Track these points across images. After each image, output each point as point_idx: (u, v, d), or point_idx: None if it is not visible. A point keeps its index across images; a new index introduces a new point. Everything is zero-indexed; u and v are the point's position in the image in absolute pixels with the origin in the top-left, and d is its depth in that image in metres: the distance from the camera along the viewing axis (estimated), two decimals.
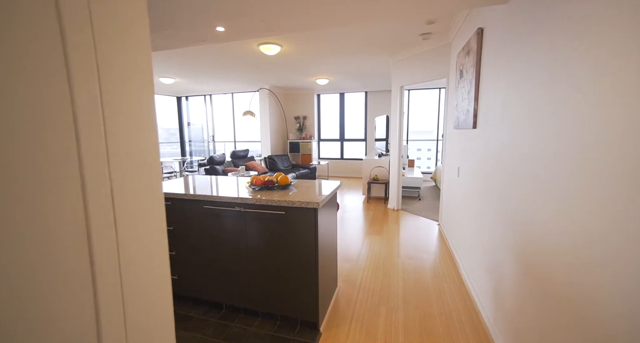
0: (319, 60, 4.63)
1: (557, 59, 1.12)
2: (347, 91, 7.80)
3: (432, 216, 4.23)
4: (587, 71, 0.94)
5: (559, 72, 1.10)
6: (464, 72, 2.49)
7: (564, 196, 1.05)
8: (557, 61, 1.12)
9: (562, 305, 1.05)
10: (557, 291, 1.08)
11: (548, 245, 1.15)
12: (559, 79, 1.10)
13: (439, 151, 7.26)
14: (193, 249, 2.04)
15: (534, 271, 1.27)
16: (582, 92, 0.96)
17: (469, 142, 2.41)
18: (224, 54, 4.26)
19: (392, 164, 4.70)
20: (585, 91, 0.95)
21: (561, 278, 1.06)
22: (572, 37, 1.02)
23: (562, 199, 1.06)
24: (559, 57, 1.11)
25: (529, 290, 1.31)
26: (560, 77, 1.10)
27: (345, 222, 4.07)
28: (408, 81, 4.21)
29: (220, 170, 5.24)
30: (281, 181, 2.07)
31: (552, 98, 1.15)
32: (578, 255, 0.96)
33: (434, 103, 7.27)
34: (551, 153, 1.14)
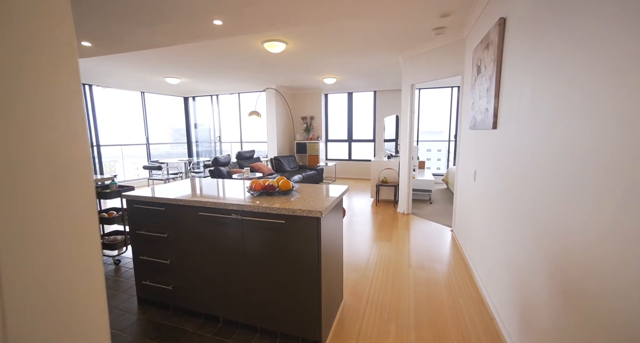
0: (326, 58, 4.47)
1: (618, 40, 0.93)
2: (356, 90, 7.61)
3: (444, 222, 4.01)
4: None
5: (618, 57, 0.91)
6: (482, 68, 2.28)
7: (619, 206, 0.86)
8: (618, 43, 0.92)
9: (613, 333, 0.86)
10: (609, 325, 0.89)
11: (599, 267, 0.96)
12: (617, 67, 0.91)
13: (451, 152, 7.00)
14: (188, 258, 1.91)
15: (575, 296, 1.07)
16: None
17: (488, 143, 2.21)
18: (228, 53, 4.14)
19: (402, 166, 4.50)
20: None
21: (613, 306, 0.87)
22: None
23: (618, 211, 0.87)
24: (619, 38, 0.92)
25: (567, 318, 1.11)
26: (619, 66, 0.90)
27: (353, 227, 3.89)
28: (419, 79, 4.00)
29: (225, 171, 5.14)
30: (282, 186, 1.92)
31: (608, 89, 0.95)
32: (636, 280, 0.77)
33: (445, 103, 7.01)
34: (605, 155, 0.95)
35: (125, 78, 6.14)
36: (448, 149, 6.99)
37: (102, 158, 6.54)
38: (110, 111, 6.80)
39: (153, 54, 4.22)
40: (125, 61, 4.64)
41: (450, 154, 7.00)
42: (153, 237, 1.98)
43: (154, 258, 2.00)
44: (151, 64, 4.82)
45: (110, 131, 6.80)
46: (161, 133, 8.09)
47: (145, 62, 4.67)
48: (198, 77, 6.04)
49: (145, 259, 2.02)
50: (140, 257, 2.04)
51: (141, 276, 2.07)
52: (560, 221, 1.18)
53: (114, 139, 6.97)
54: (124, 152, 7.42)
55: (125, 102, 7.14)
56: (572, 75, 1.11)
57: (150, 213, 1.96)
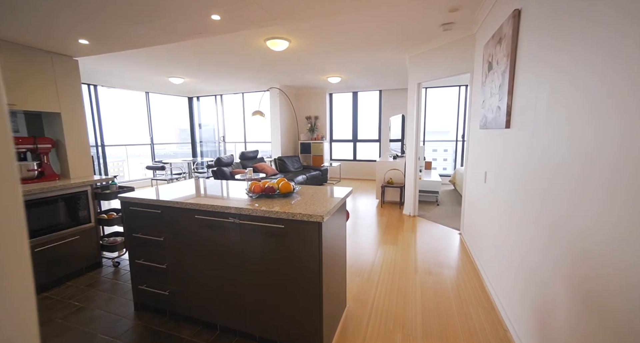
0: (330, 56, 4.37)
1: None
2: (361, 89, 7.50)
3: (452, 224, 3.88)
4: None
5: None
6: (494, 64, 2.17)
7: None
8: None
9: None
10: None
11: (626, 277, 0.85)
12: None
13: (458, 152, 6.84)
14: (185, 262, 1.84)
15: (598, 309, 0.96)
16: None
17: (500, 144, 2.09)
18: (230, 52, 4.08)
19: (408, 167, 4.38)
20: None
21: None
22: None
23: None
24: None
25: (592, 334, 1.00)
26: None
27: (357, 229, 3.79)
28: (426, 77, 3.88)
29: (228, 172, 5.08)
30: (282, 188, 1.83)
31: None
32: None
33: (453, 102, 6.85)
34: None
35: (129, 78, 6.13)
36: (455, 149, 6.84)
37: (107, 158, 6.55)
38: (116, 111, 6.81)
39: (156, 54, 4.19)
40: (128, 61, 4.62)
41: (457, 155, 6.85)
42: (149, 240, 1.91)
43: (150, 262, 1.93)
44: (155, 63, 4.78)
45: (116, 131, 6.81)
46: (168, 132, 8.09)
47: (148, 62, 4.64)
48: (201, 77, 6.00)
49: (142, 263, 1.95)
50: (136, 261, 1.97)
51: (137, 280, 2.01)
52: (579, 225, 1.07)
53: (119, 139, 6.98)
54: (130, 152, 7.43)
55: (130, 103, 7.15)
56: (599, 69, 1.00)
57: (146, 215, 1.90)
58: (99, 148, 6.42)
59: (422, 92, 4.13)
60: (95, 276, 2.57)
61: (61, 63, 2.63)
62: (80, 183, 2.57)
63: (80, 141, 2.85)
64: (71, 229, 2.51)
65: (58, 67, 2.61)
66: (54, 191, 2.37)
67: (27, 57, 2.40)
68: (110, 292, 2.31)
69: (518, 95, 1.76)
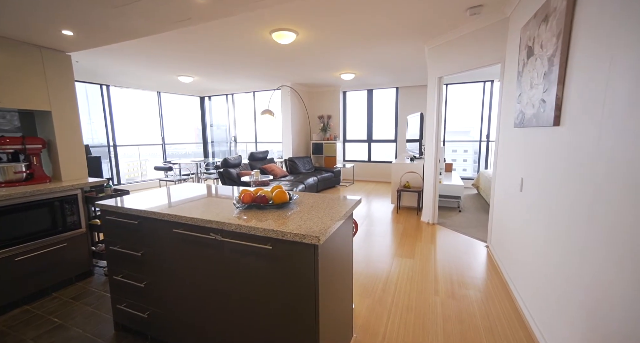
0: (342, 50, 4.06)
1: None
2: (376, 87, 7.12)
3: (477, 235, 3.46)
4: None
5: None
6: (537, 47, 1.78)
7: None
8: None
9: None
10: None
11: None
12: None
13: (482, 153, 6.32)
14: (164, 282, 1.59)
15: None
16: None
17: (544, 145, 1.71)
18: (235, 46, 3.85)
19: (427, 169, 3.99)
20: None
21: None
22: None
23: None
24: None
25: None
26: None
27: (369, 238, 3.46)
28: (448, 70, 3.49)
29: (235, 173, 4.88)
30: (277, 198, 1.54)
31: None
32: None
33: (476, 99, 6.33)
34: None
35: (139, 78, 6.08)
36: (479, 150, 6.32)
37: (119, 158, 6.53)
38: (130, 111, 6.80)
39: (162, 51, 4.04)
40: (136, 59, 4.51)
41: (481, 156, 6.33)
42: (127, 255, 1.68)
43: (129, 280, 1.70)
44: (162, 62, 4.65)
45: (129, 131, 6.80)
46: (185, 132, 8.03)
47: (156, 60, 4.51)
48: (210, 75, 5.85)
49: (120, 280, 1.73)
50: (114, 277, 1.75)
51: (116, 299, 1.79)
52: None
53: (133, 139, 6.96)
54: (144, 152, 7.42)
55: (144, 103, 7.12)
56: None
57: (123, 226, 1.66)
58: (110, 148, 6.41)
59: (443, 88, 3.73)
60: (83, 287, 2.39)
61: (51, 58, 2.48)
62: (69, 186, 2.40)
63: (74, 141, 2.69)
64: (58, 236, 2.34)
65: (48, 62, 2.45)
66: (38, 195, 2.20)
67: (13, 51, 2.25)
68: (95, 306, 2.11)
69: (574, 84, 1.38)
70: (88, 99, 6.04)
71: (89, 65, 4.92)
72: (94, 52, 4.05)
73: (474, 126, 6.70)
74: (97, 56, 4.37)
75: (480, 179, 5.42)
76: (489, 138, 6.12)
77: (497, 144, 2.90)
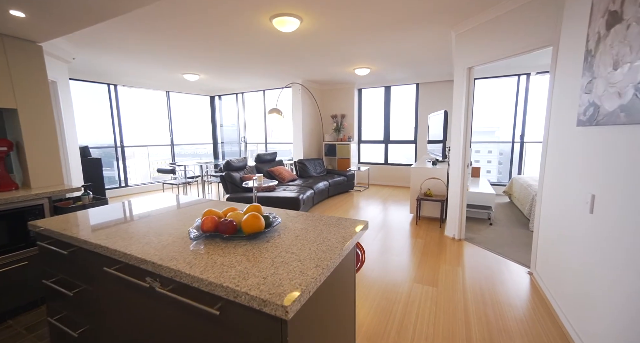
0: (353, 41, 3.58)
1: None
2: (394, 83, 6.56)
3: (514, 256, 2.87)
4: None
5: None
6: (625, 13, 1.24)
7: None
8: None
9: None
10: None
11: None
12: None
13: (515, 157, 5.60)
14: (101, 335, 1.19)
15: None
16: None
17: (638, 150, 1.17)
18: (235, 39, 3.48)
19: (452, 176, 3.43)
20: None
21: None
22: None
23: None
24: None
25: None
26: None
27: (382, 255, 2.96)
28: (480, 59, 2.93)
29: (238, 177, 4.52)
30: (247, 226, 1.10)
31: None
32: None
33: (506, 95, 5.62)
34: None
35: (146, 77, 5.88)
36: (511, 153, 5.61)
37: (126, 159, 6.38)
38: (139, 111, 6.64)
39: (165, 49, 3.74)
40: (139, 58, 4.25)
41: (513, 160, 5.62)
42: (59, 293, 1.31)
43: (63, 326, 1.32)
44: (166, 60, 4.37)
45: (138, 132, 6.65)
46: (196, 133, 7.82)
47: (158, 58, 4.24)
48: (215, 73, 5.54)
49: (54, 323, 1.35)
50: (48, 319, 1.38)
51: None
52: None
53: (142, 140, 6.81)
54: (152, 153, 7.27)
55: (153, 103, 6.96)
56: None
57: (56, 255, 1.29)
58: (118, 149, 6.27)
59: (472, 80, 3.16)
60: (44, 314, 2.06)
61: (16, 48, 2.18)
62: (34, 195, 2.09)
63: (47, 144, 2.40)
64: (18, 252, 2.03)
65: (12, 53, 2.16)
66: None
67: None
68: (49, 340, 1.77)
69: None
70: (93, 99, 5.91)
71: (93, 64, 4.74)
72: (93, 49, 3.81)
73: (500, 126, 5.99)
74: (98, 54, 4.15)
75: (514, 187, 4.75)
76: (524, 139, 5.41)
77: (545, 148, 2.32)
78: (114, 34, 3.30)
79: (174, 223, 1.32)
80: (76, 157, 4.01)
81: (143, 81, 6.31)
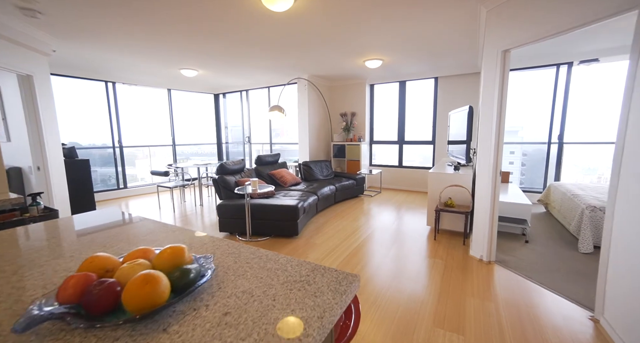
0: (359, 23, 3.04)
1: None
2: (409, 78, 5.95)
3: (566, 290, 2.24)
4: None
5: None
6: None
7: None
8: None
9: None
10: None
11: None
12: None
13: (551, 160, 4.87)
14: None
15: None
16: None
17: None
18: (228, 26, 3.02)
19: (480, 183, 2.83)
20: None
21: None
22: None
23: None
24: None
25: None
26: None
27: (393, 279, 2.40)
28: (521, 37, 2.32)
29: (233, 182, 4.07)
30: (132, 299, 0.60)
31: None
32: None
33: (539, 88, 4.89)
34: None
35: (143, 73, 5.57)
36: (547, 155, 4.88)
37: (124, 159, 6.10)
38: (139, 110, 6.36)
39: (154, 43, 3.35)
40: (131, 52, 3.89)
41: (549, 164, 4.88)
42: None
43: None
44: (160, 53, 4.00)
45: (138, 131, 6.37)
46: (200, 132, 7.50)
47: (150, 51, 3.87)
48: (214, 67, 5.13)
49: None
50: None
51: None
52: None
53: (142, 140, 6.53)
54: (154, 153, 6.99)
55: (154, 101, 6.67)
56: None
57: None
58: (116, 149, 6.00)
59: (508, 67, 2.55)
60: None
61: None
62: None
63: None
64: None
65: None
66: None
67: None
68: None
69: None
70: (90, 97, 5.65)
71: (83, 59, 4.44)
72: (76, 41, 3.47)
73: (525, 125, 5.25)
74: (83, 46, 3.82)
75: (551, 195, 4.06)
76: (562, 140, 4.67)
77: (618, 151, 1.70)
78: (100, 24, 2.93)
79: (33, 275, 0.84)
80: (58, 159, 3.68)
81: (143, 78, 6.01)
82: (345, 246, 3.19)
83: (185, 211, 4.80)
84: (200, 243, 1.04)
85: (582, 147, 4.71)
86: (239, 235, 3.62)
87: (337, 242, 3.32)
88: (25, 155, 3.53)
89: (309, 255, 2.99)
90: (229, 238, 3.56)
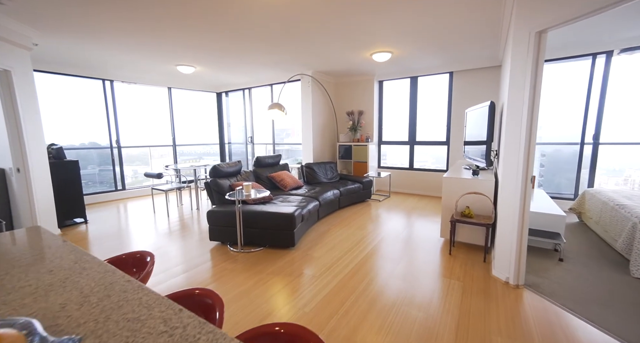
0: (367, 9, 2.65)
1: None
2: (421, 73, 5.50)
3: (618, 326, 1.79)
4: None
5: None
6: None
7: None
8: None
9: None
10: None
11: None
12: None
13: (584, 162, 4.32)
14: None
15: None
16: None
17: None
18: (224, 17, 2.69)
19: (504, 191, 2.38)
20: None
21: None
22: None
23: None
24: None
25: None
26: None
27: (401, 307, 2.00)
28: (563, 13, 1.88)
29: (227, 186, 3.74)
30: None
31: None
32: None
33: (569, 82, 4.35)
34: None
35: (141, 71, 5.34)
36: (579, 158, 4.33)
37: (123, 160, 5.90)
38: (141, 109, 6.15)
39: (145, 39, 3.07)
40: (124, 47, 3.63)
41: (582, 167, 4.33)
42: None
43: None
44: (155, 49, 3.72)
45: (138, 131, 6.16)
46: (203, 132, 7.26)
47: (144, 47, 3.60)
48: (210, 62, 4.83)
49: None
50: None
51: None
52: None
53: (142, 140, 6.32)
54: (155, 154, 6.78)
55: (154, 100, 6.45)
56: None
57: None
58: (114, 150, 5.80)
59: (543, 51, 2.11)
60: None
61: None
62: None
63: None
64: None
65: None
66: None
67: None
68: None
69: None
70: (88, 96, 5.46)
71: (78, 56, 4.22)
72: (61, 34, 3.23)
73: (544, 124, 4.70)
74: (74, 42, 3.58)
75: (587, 204, 3.54)
76: (598, 140, 4.12)
77: None
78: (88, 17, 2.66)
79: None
80: (41, 160, 3.45)
81: (141, 76, 5.80)
82: (347, 261, 2.80)
83: (182, 215, 4.52)
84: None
85: (613, 147, 4.13)
86: (231, 244, 3.28)
87: (338, 255, 2.94)
88: (7, 156, 3.31)
89: (304, 270, 2.62)
90: (220, 248, 3.23)
